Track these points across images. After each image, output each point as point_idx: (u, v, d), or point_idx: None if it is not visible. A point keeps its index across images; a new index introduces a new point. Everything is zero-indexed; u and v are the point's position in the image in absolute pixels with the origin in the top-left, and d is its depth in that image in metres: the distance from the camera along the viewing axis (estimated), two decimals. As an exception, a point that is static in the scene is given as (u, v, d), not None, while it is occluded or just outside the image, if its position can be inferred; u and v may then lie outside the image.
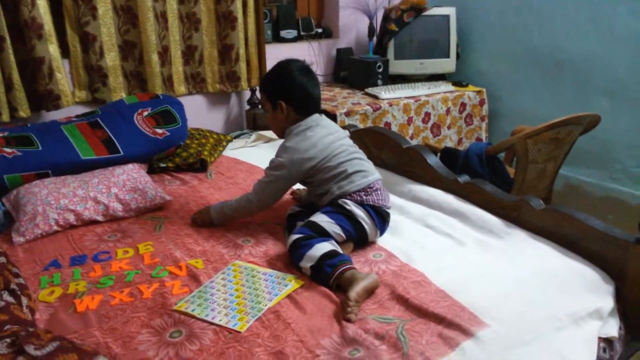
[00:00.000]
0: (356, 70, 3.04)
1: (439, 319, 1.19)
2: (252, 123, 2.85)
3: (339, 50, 3.19)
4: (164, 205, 1.85)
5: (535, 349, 1.14)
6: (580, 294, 1.31)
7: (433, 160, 1.82)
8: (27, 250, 1.56)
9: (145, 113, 2.08)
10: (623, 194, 2.59)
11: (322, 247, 1.39)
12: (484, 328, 1.15)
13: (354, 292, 1.25)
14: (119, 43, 2.45)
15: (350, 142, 1.65)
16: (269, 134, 2.56)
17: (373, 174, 1.60)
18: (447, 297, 1.27)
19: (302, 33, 3.12)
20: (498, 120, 3.13)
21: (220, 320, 1.21)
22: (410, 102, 2.77)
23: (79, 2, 2.29)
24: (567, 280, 1.35)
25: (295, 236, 1.44)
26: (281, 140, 1.66)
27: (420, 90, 2.88)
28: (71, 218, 1.68)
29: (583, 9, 2.60)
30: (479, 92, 2.99)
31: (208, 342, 1.13)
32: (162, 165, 2.16)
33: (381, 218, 1.55)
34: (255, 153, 2.43)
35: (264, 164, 2.29)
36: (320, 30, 3.18)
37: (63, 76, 2.25)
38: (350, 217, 1.50)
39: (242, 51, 2.74)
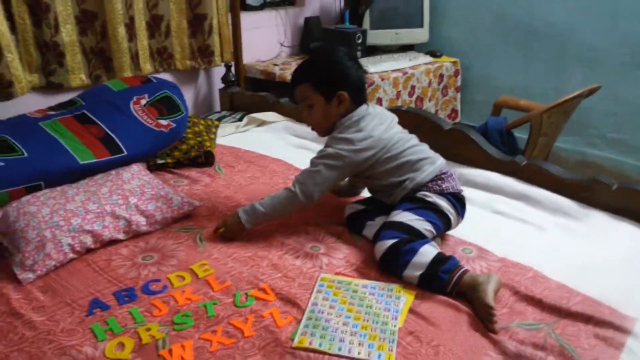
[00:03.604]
0: (331, 42, 2.83)
1: (585, 318, 1.13)
2: (229, 104, 2.54)
3: (307, 20, 2.95)
4: (192, 213, 1.56)
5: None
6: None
7: (481, 141, 1.74)
8: (48, 291, 1.22)
9: (143, 101, 1.71)
10: (599, 158, 2.76)
11: (429, 252, 1.25)
12: (635, 323, 1.12)
13: (489, 297, 1.14)
14: (75, 14, 1.99)
15: (400, 127, 1.51)
16: (262, 116, 2.31)
17: (438, 158, 1.47)
18: (575, 292, 1.21)
19: (267, 0, 2.83)
20: (469, 91, 3.14)
21: (360, 353, 1.04)
22: (398, 75, 2.66)
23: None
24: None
25: (389, 241, 1.28)
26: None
27: (403, 62, 2.78)
28: (88, 241, 1.34)
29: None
30: (454, 63, 2.97)
31: (368, 385, 0.96)
32: (160, 161, 1.83)
33: (462, 205, 1.44)
34: (253, 139, 2.17)
35: (270, 151, 2.07)
36: (284, -3, 2.91)
37: (14, 57, 1.77)
38: (436, 209, 1.37)
39: (215, 21, 2.40)
